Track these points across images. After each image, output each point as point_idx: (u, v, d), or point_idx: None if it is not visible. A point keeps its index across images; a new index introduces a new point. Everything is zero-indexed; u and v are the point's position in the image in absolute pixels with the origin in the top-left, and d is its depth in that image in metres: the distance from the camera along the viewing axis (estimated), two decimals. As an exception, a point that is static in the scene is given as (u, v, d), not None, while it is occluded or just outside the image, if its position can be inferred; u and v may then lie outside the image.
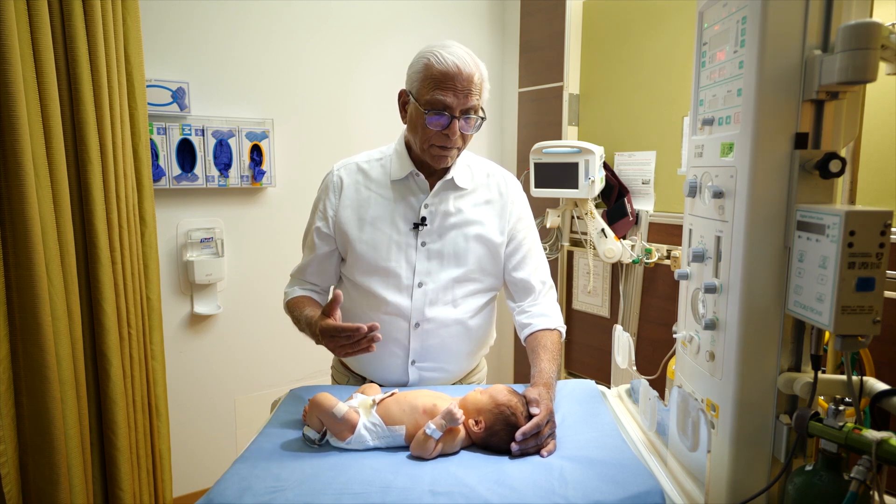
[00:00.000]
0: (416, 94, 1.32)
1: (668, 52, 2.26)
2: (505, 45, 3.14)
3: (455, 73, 1.27)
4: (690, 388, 1.06)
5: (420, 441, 1.06)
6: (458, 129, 1.30)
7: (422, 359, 1.40)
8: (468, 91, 1.28)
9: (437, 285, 1.38)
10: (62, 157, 1.82)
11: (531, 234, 1.49)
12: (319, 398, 1.11)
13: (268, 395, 2.18)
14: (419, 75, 1.31)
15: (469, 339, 1.44)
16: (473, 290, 1.42)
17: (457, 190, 1.42)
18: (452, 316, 1.40)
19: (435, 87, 1.28)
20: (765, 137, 0.85)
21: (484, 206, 1.44)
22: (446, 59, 1.27)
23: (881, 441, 0.74)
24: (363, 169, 1.45)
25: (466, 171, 1.45)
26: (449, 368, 1.44)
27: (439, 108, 1.28)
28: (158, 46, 2.23)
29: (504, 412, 1.10)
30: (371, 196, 1.42)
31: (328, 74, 2.62)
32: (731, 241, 0.91)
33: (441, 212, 1.40)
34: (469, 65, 1.28)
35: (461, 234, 1.40)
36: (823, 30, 0.83)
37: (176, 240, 2.36)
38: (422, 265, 1.38)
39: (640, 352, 2.44)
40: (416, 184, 1.41)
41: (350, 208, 1.42)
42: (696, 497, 0.95)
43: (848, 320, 0.77)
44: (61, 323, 1.81)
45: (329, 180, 1.47)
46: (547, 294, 1.47)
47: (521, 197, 1.50)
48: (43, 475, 1.79)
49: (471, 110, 1.31)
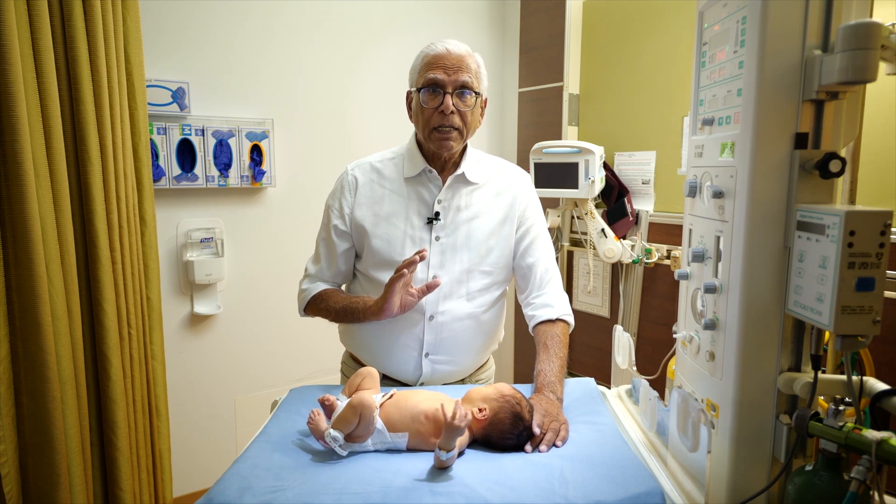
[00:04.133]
0: (414, 83, 1.40)
1: (668, 52, 2.26)
2: (505, 45, 3.14)
3: (444, 54, 1.35)
4: (690, 388, 1.06)
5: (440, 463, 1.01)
6: (453, 105, 1.34)
7: (435, 351, 1.42)
8: (458, 68, 1.34)
9: (451, 278, 1.41)
10: (62, 157, 1.82)
11: (539, 222, 1.52)
12: (367, 399, 1.06)
13: (268, 395, 2.18)
14: (416, 68, 1.40)
15: (481, 333, 1.46)
16: (487, 283, 1.45)
17: (468, 184, 1.46)
18: (466, 310, 1.42)
19: (427, 69, 1.36)
20: (765, 137, 0.85)
21: (495, 199, 1.47)
22: (437, 45, 1.37)
23: (881, 441, 0.74)
24: (377, 168, 1.49)
25: (477, 167, 1.48)
26: (461, 361, 1.45)
27: (431, 85, 1.34)
28: (158, 46, 2.23)
29: (510, 401, 1.10)
30: (385, 193, 1.45)
31: (328, 74, 2.62)
32: (731, 241, 0.91)
33: (454, 206, 1.43)
34: (461, 48, 1.37)
35: (474, 226, 1.43)
36: (823, 30, 0.83)
37: (176, 240, 2.36)
38: (436, 259, 1.41)
39: (640, 352, 2.44)
40: (428, 180, 1.45)
41: (366, 206, 1.45)
42: (696, 497, 0.95)
43: (848, 320, 0.77)
44: (61, 323, 1.81)
45: (344, 180, 1.50)
46: (550, 282, 1.48)
47: (531, 189, 1.55)
48: (43, 475, 1.79)
49: (464, 87, 1.35)
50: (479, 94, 1.40)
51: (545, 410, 1.17)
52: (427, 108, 1.36)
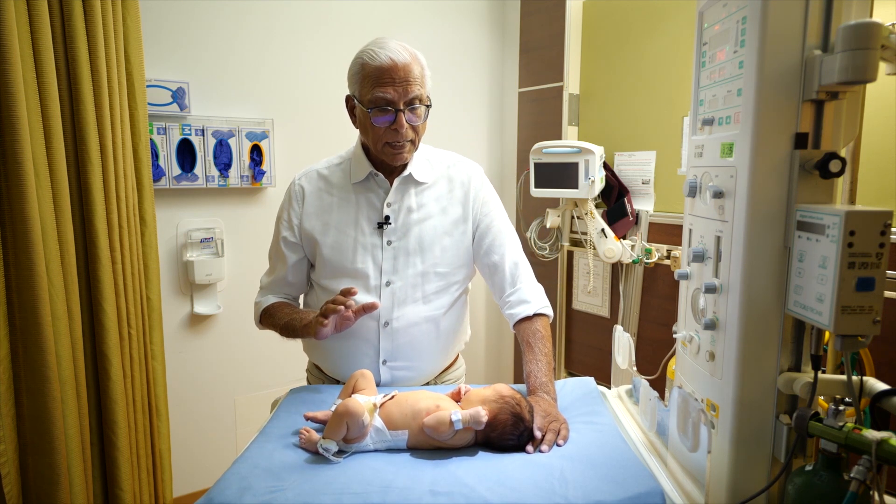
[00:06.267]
0: (358, 97, 1.33)
1: (668, 52, 2.26)
2: (505, 45, 3.14)
3: (390, 66, 1.27)
4: (690, 388, 1.06)
5: (442, 420, 1.05)
6: (406, 121, 1.30)
7: (393, 358, 1.39)
8: (407, 81, 1.28)
9: (405, 283, 1.38)
10: (62, 157, 1.82)
11: (498, 217, 1.47)
12: (352, 406, 1.07)
13: (268, 395, 2.18)
14: (357, 77, 1.32)
15: (440, 337, 1.43)
16: (443, 284, 1.41)
17: (417, 185, 1.42)
18: (422, 314, 1.39)
19: (374, 84, 1.28)
20: (765, 137, 0.85)
21: (447, 197, 1.44)
22: (379, 54, 1.27)
23: (881, 441, 0.74)
24: (324, 175, 1.47)
25: (425, 165, 1.44)
26: (421, 367, 1.43)
27: (382, 104, 1.28)
28: (158, 46, 2.23)
29: (509, 402, 1.10)
30: (333, 201, 1.43)
31: (328, 74, 2.62)
32: (731, 241, 0.91)
33: (404, 208, 1.40)
34: (403, 56, 1.28)
35: (426, 227, 1.40)
36: (823, 30, 0.83)
37: (176, 240, 2.36)
38: (388, 264, 1.38)
39: (640, 352, 2.44)
40: (376, 183, 1.42)
41: (314, 215, 1.43)
42: (696, 497, 0.95)
43: (848, 320, 0.77)
44: (61, 323, 1.81)
45: (291, 190, 1.48)
46: (521, 276, 1.44)
47: (485, 182, 1.49)
48: (43, 475, 1.79)
49: (415, 100, 1.30)
50: (429, 104, 1.35)
51: (544, 412, 1.17)
52: (378, 126, 1.31)
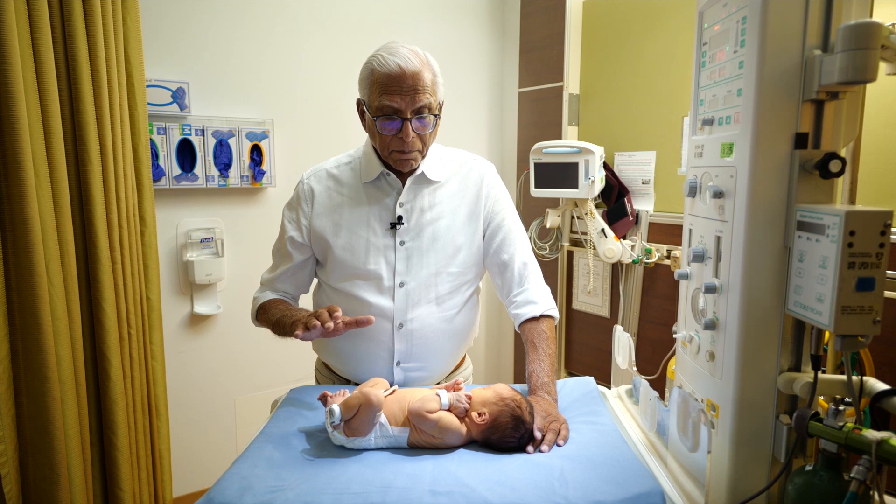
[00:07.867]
0: (367, 102, 1.32)
1: (668, 52, 2.26)
2: (505, 45, 3.14)
3: (399, 74, 1.24)
4: (690, 388, 1.06)
5: (427, 398, 1.07)
6: (412, 130, 1.28)
7: (407, 359, 1.39)
8: (415, 90, 1.25)
9: (418, 283, 1.37)
10: (62, 157, 1.82)
11: (510, 216, 1.45)
12: (374, 398, 1.08)
13: (268, 395, 2.18)
14: (366, 82, 1.30)
15: (453, 336, 1.43)
16: (456, 284, 1.40)
17: (430, 184, 1.40)
18: (436, 314, 1.38)
19: (381, 91, 1.26)
20: (765, 137, 0.85)
21: (459, 195, 1.42)
22: (388, 60, 1.25)
23: (881, 441, 0.74)
24: (333, 175, 1.45)
25: (437, 163, 1.42)
26: (434, 367, 1.43)
27: (388, 112, 1.26)
28: (158, 46, 2.23)
29: (510, 404, 1.10)
30: (344, 201, 1.41)
31: (328, 74, 2.62)
32: (731, 241, 0.91)
33: (417, 208, 1.38)
34: (413, 63, 1.25)
35: (439, 227, 1.38)
36: (823, 30, 0.83)
37: (176, 240, 2.36)
38: (402, 265, 1.36)
39: (640, 352, 2.44)
40: (387, 183, 1.39)
41: (324, 216, 1.41)
42: (696, 497, 0.95)
43: (848, 320, 0.77)
44: (61, 323, 1.81)
45: (300, 190, 1.46)
46: (529, 276, 1.43)
47: (497, 181, 1.48)
48: (43, 475, 1.79)
49: (423, 109, 1.28)
50: (439, 114, 1.33)
51: (545, 412, 1.17)
52: (385, 134, 1.30)
